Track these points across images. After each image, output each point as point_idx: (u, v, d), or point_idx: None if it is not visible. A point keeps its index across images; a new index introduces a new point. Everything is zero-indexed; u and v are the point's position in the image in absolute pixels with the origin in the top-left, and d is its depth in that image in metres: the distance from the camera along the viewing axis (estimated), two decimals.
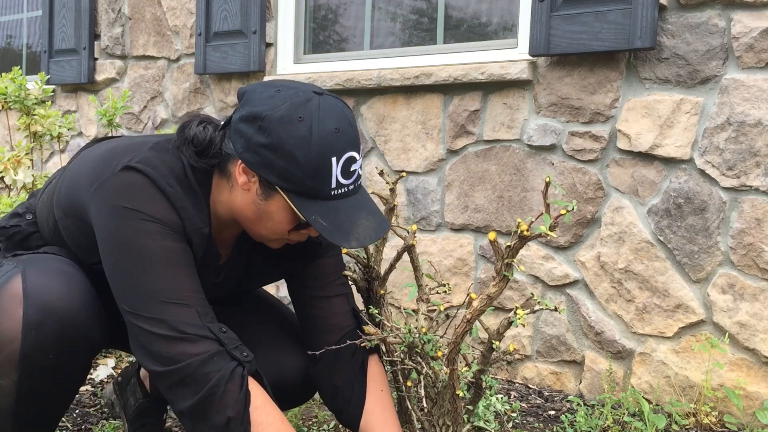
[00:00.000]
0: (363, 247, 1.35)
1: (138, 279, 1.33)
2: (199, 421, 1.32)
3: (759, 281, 2.29)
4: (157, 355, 1.31)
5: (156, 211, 1.35)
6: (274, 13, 3.39)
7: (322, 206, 1.34)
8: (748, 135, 2.29)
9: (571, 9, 2.51)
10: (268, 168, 1.34)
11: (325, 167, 1.32)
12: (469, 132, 2.82)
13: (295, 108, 1.33)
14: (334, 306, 1.65)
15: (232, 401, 1.31)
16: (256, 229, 1.45)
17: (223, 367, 1.31)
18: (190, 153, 1.42)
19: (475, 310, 1.42)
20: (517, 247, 1.39)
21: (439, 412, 1.59)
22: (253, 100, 1.37)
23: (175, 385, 1.32)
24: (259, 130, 1.33)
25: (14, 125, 4.09)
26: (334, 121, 1.34)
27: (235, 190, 1.43)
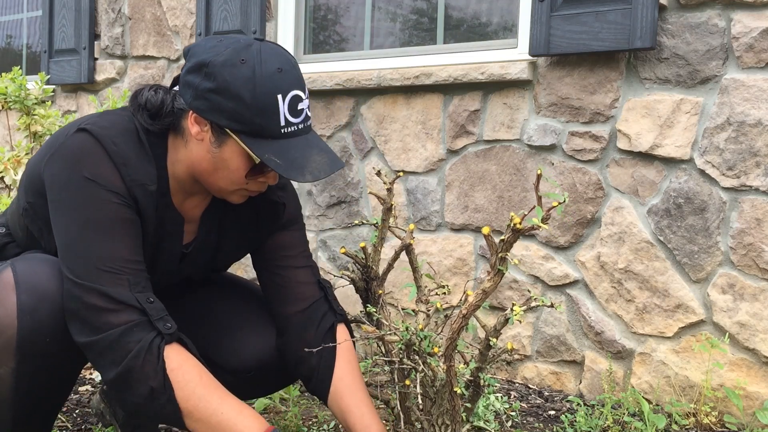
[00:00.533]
0: (317, 180, 1.38)
1: (76, 243, 1.37)
2: (125, 391, 1.36)
3: (759, 281, 2.29)
4: (84, 323, 1.35)
5: (101, 175, 1.38)
6: (274, 13, 3.39)
7: (274, 145, 1.38)
8: (748, 135, 2.28)
9: (571, 9, 2.51)
10: (217, 112, 1.38)
11: (271, 105, 1.36)
12: (469, 132, 2.82)
13: (238, 52, 1.37)
14: (300, 276, 1.67)
15: (152, 371, 1.34)
16: (214, 181, 1.47)
17: (143, 338, 1.35)
18: (144, 117, 1.46)
19: (471, 305, 1.42)
20: (511, 241, 1.39)
21: (438, 411, 1.59)
22: (197, 52, 1.42)
23: (98, 356, 1.36)
24: (205, 77, 1.38)
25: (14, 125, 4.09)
26: (277, 62, 1.38)
27: (189, 144, 1.46)
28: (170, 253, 1.57)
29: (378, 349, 1.83)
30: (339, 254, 3.19)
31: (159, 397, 1.35)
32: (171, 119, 1.46)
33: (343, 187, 3.15)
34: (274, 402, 2.31)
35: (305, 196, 3.26)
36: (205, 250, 1.64)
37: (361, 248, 1.79)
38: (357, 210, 3.12)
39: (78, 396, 2.40)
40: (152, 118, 1.46)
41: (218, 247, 1.66)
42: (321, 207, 3.21)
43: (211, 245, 1.64)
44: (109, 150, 1.40)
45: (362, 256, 1.80)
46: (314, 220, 3.24)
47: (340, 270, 1.94)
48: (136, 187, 1.42)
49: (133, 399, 1.36)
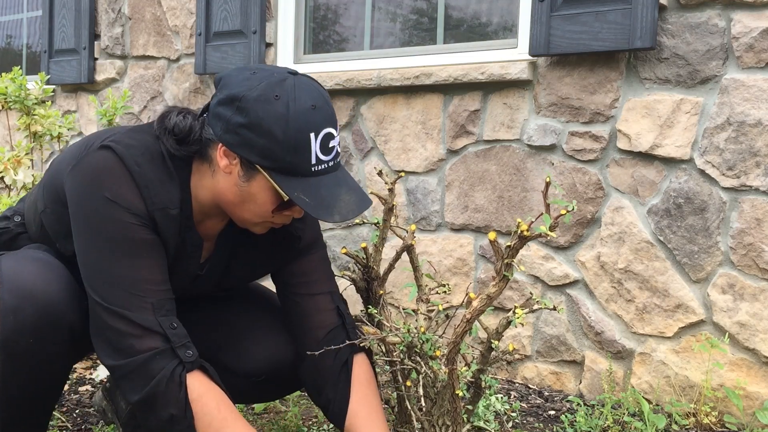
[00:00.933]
0: (346, 220, 1.38)
1: (100, 265, 1.38)
2: (147, 413, 1.39)
3: (759, 281, 2.29)
4: (108, 344, 1.38)
5: (122, 196, 1.38)
6: (274, 13, 3.39)
7: (304, 183, 1.36)
8: (748, 135, 2.29)
9: (571, 9, 2.51)
10: (248, 147, 1.36)
11: (303, 143, 1.34)
12: (469, 132, 2.82)
13: (272, 87, 1.35)
14: (318, 303, 1.65)
15: (174, 399, 1.37)
16: (239, 213, 1.46)
17: (165, 366, 1.37)
18: (170, 142, 1.44)
19: (475, 310, 1.42)
20: (517, 247, 1.39)
21: (439, 412, 1.59)
22: (229, 83, 1.40)
23: (122, 379, 1.39)
24: (237, 111, 1.36)
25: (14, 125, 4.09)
26: (310, 98, 1.37)
27: (216, 175, 1.44)
28: (187, 271, 1.56)
29: (379, 349, 1.83)
30: (339, 254, 3.19)
31: (180, 423, 1.38)
32: (198, 147, 1.45)
33: None
34: (274, 402, 2.32)
35: None
36: (216, 270, 1.63)
37: (362, 248, 1.79)
38: None
39: (78, 396, 2.40)
40: (179, 143, 1.44)
41: (228, 268, 1.65)
42: None
43: (222, 265, 1.63)
44: (132, 171, 1.39)
45: (363, 256, 1.80)
46: None
47: (341, 270, 1.94)
48: (156, 211, 1.41)
49: (154, 422, 1.39)
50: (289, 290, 1.67)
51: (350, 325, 1.66)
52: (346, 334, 1.64)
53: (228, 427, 1.39)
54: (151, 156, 1.43)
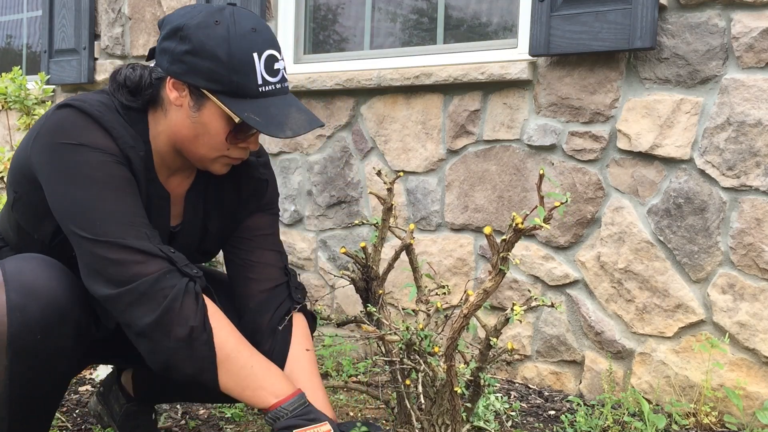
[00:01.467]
0: (297, 135, 1.40)
1: (86, 205, 1.37)
2: (161, 337, 1.36)
3: (759, 281, 2.29)
4: (111, 279, 1.36)
5: (92, 139, 1.39)
6: (274, 13, 3.39)
7: (253, 104, 1.39)
8: (748, 135, 2.29)
9: (571, 9, 2.51)
10: (194, 73, 1.39)
11: (247, 62, 1.38)
12: (469, 132, 2.82)
13: (211, 14, 1.40)
14: (268, 258, 1.68)
15: (192, 312, 1.36)
16: (195, 149, 1.48)
17: (177, 283, 1.37)
18: (124, 95, 1.47)
19: (472, 305, 1.42)
20: (512, 241, 1.39)
21: (438, 411, 1.59)
22: (171, 19, 1.44)
23: (130, 306, 1.36)
24: (180, 40, 1.40)
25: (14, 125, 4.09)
26: (250, 22, 1.41)
27: (169, 112, 1.47)
28: (159, 227, 1.57)
29: (378, 349, 1.83)
30: (339, 254, 3.19)
31: (198, 337, 1.37)
32: (150, 91, 1.47)
33: (343, 187, 3.15)
34: None
35: (305, 196, 3.26)
36: (192, 230, 1.64)
37: (362, 248, 1.79)
38: (357, 210, 3.12)
39: (78, 396, 2.40)
40: (132, 94, 1.47)
41: (204, 226, 1.66)
42: (321, 207, 3.21)
43: (198, 226, 1.65)
44: (95, 116, 1.41)
45: (362, 256, 1.80)
46: (314, 220, 3.24)
47: (340, 270, 1.94)
48: (128, 149, 1.43)
49: (169, 344, 1.36)
50: (244, 242, 1.68)
51: (294, 285, 1.69)
52: (289, 291, 1.67)
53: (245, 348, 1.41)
54: (107, 109, 1.45)
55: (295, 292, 1.68)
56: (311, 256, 3.25)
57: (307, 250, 3.25)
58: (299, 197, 3.28)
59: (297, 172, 3.28)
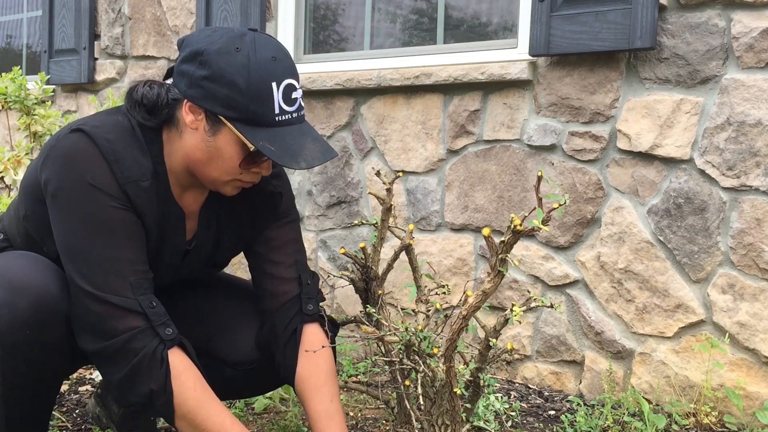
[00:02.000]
0: (311, 167, 1.40)
1: (78, 247, 1.40)
2: (128, 392, 1.42)
3: (759, 281, 2.29)
4: (91, 330, 1.40)
5: (95, 176, 1.40)
6: (274, 13, 3.39)
7: (268, 133, 1.39)
8: (748, 135, 2.28)
9: (571, 9, 2.51)
10: (211, 99, 1.39)
11: (266, 92, 1.37)
12: (469, 132, 2.82)
13: (232, 41, 1.39)
14: (281, 272, 1.68)
15: (155, 376, 1.40)
16: (208, 172, 1.48)
17: (147, 345, 1.40)
18: (141, 113, 1.47)
19: (471, 306, 1.42)
20: (511, 242, 1.39)
21: (438, 412, 1.59)
22: (191, 42, 1.43)
23: (105, 362, 1.42)
24: (199, 65, 1.39)
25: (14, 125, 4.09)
26: (270, 50, 1.40)
27: (184, 134, 1.47)
28: (174, 247, 1.58)
29: (378, 349, 1.83)
30: (339, 254, 3.19)
31: (159, 398, 1.41)
32: (167, 111, 1.47)
33: (343, 187, 3.15)
34: (274, 402, 2.31)
35: (305, 196, 3.26)
36: (206, 245, 1.65)
37: (361, 248, 1.79)
38: (357, 210, 3.12)
39: (78, 396, 2.40)
40: (149, 113, 1.47)
41: (217, 241, 1.67)
42: (321, 207, 3.21)
43: (211, 241, 1.66)
44: (101, 147, 1.41)
45: (362, 256, 1.80)
46: (314, 220, 3.24)
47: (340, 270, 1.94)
48: (128, 185, 1.43)
49: (132, 398, 1.42)
50: (259, 258, 1.70)
51: (306, 295, 1.67)
52: (300, 304, 1.66)
53: (202, 406, 1.43)
54: (121, 131, 1.45)
55: (306, 303, 1.67)
56: (311, 256, 3.25)
57: (307, 250, 3.25)
58: (299, 197, 3.28)
59: (297, 172, 3.28)
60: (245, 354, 1.71)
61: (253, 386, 1.81)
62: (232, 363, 1.72)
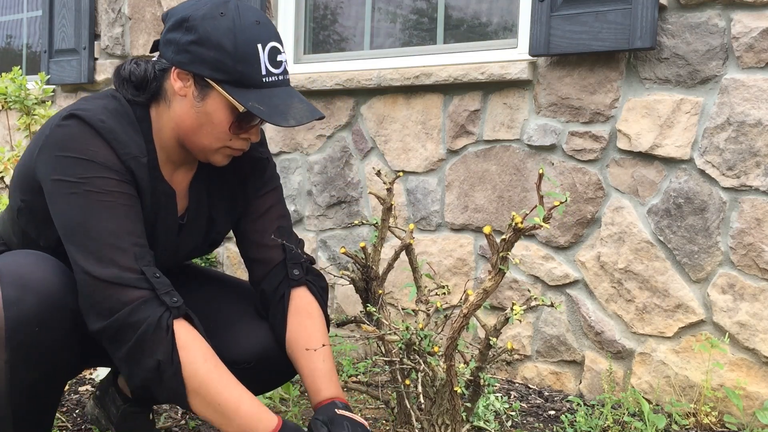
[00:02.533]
0: (300, 124, 1.42)
1: (80, 221, 1.39)
2: (134, 365, 1.39)
3: (759, 281, 2.29)
4: (96, 308, 1.38)
5: (94, 153, 1.41)
6: (274, 13, 3.39)
7: (257, 94, 1.42)
8: (748, 135, 2.28)
9: (571, 9, 2.51)
10: (199, 63, 1.42)
11: (252, 53, 1.41)
12: (469, 132, 2.82)
13: (216, 7, 1.44)
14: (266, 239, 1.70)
15: (160, 345, 1.37)
16: (198, 140, 1.50)
17: (151, 314, 1.37)
18: (129, 90, 1.51)
19: (472, 305, 1.42)
20: (512, 240, 1.39)
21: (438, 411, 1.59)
22: (175, 12, 1.48)
23: (111, 338, 1.39)
24: (186, 31, 1.43)
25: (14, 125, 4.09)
26: (253, 15, 1.45)
27: (173, 104, 1.49)
28: (167, 225, 1.60)
29: (378, 349, 1.83)
30: (339, 254, 3.19)
31: (166, 370, 1.38)
32: (155, 84, 1.50)
33: (343, 187, 3.15)
34: (274, 402, 2.31)
35: (305, 196, 3.26)
36: (199, 219, 1.67)
37: (361, 248, 1.79)
38: (357, 210, 3.12)
39: (78, 396, 2.40)
40: (137, 89, 1.50)
41: (210, 216, 1.69)
42: (321, 207, 3.21)
43: (203, 215, 1.67)
44: (97, 127, 1.42)
45: (362, 256, 1.80)
46: (314, 220, 3.24)
47: (340, 270, 1.94)
48: (130, 161, 1.45)
49: (140, 373, 1.39)
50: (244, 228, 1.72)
51: (291, 261, 1.70)
52: (285, 271, 1.69)
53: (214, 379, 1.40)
54: (112, 112, 1.47)
55: (292, 268, 1.69)
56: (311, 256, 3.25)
57: (307, 250, 3.25)
58: (299, 197, 3.28)
59: (297, 172, 3.28)
60: (243, 353, 1.71)
61: (252, 385, 1.80)
62: (229, 362, 1.72)
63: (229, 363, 1.72)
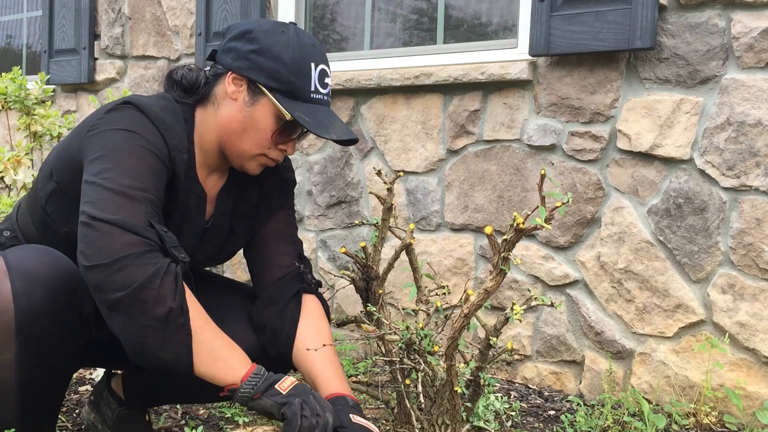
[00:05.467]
0: (341, 139, 1.53)
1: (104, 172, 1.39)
2: (136, 312, 1.32)
3: (759, 281, 2.29)
4: (98, 250, 1.32)
5: (146, 132, 1.47)
6: (274, 13, 3.39)
7: (303, 107, 1.53)
8: (748, 135, 2.28)
9: (571, 9, 2.51)
10: (257, 70, 1.52)
11: (306, 69, 1.53)
12: (469, 132, 2.82)
13: (278, 25, 1.57)
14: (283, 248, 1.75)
15: (170, 292, 1.34)
16: (239, 144, 1.56)
17: (160, 261, 1.35)
18: (178, 92, 1.58)
19: (472, 305, 1.42)
20: (513, 240, 1.39)
21: (438, 411, 1.59)
22: (239, 25, 1.58)
23: (110, 276, 1.31)
24: (248, 41, 1.54)
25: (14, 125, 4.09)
26: (310, 39, 1.58)
27: (221, 107, 1.57)
28: (193, 227, 1.63)
29: (378, 349, 1.83)
30: (339, 254, 3.18)
31: (175, 320, 1.34)
32: (206, 89, 1.58)
33: (343, 187, 3.15)
34: None
35: (305, 196, 3.26)
36: (221, 228, 1.71)
37: (362, 248, 1.79)
38: (357, 210, 3.12)
39: (78, 396, 2.40)
40: (186, 91, 1.58)
41: (231, 227, 1.73)
42: (321, 207, 3.21)
43: (226, 224, 1.71)
44: (152, 117, 1.48)
45: (362, 255, 1.80)
46: (314, 220, 3.24)
47: (340, 270, 1.94)
48: (175, 151, 1.51)
49: (145, 321, 1.32)
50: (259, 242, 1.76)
51: (309, 270, 1.75)
52: (302, 277, 1.73)
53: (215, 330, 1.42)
54: (163, 108, 1.54)
55: (306, 275, 1.74)
56: (311, 256, 3.25)
57: (307, 250, 3.25)
58: (299, 197, 3.28)
59: (297, 172, 3.28)
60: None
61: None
62: None
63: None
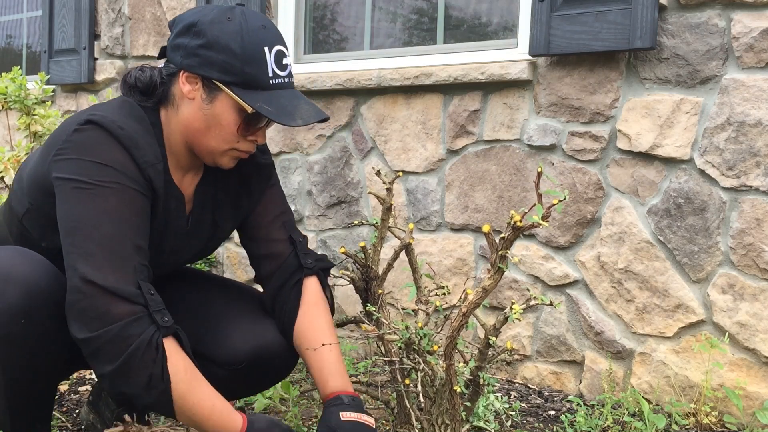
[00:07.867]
0: (307, 125, 1.48)
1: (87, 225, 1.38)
2: (121, 382, 1.36)
3: (759, 281, 2.29)
4: (84, 316, 1.34)
5: (113, 159, 1.42)
6: (274, 13, 3.39)
7: (264, 95, 1.46)
8: (748, 135, 2.28)
9: (571, 9, 2.51)
10: (208, 65, 1.45)
11: (259, 55, 1.45)
12: (469, 132, 2.82)
13: (223, 12, 1.48)
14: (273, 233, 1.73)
15: (151, 362, 1.36)
16: (206, 142, 1.52)
17: (143, 332, 1.36)
18: (136, 96, 1.53)
19: (471, 303, 1.42)
20: (511, 238, 1.39)
21: (438, 411, 1.59)
22: (182, 18, 1.51)
23: (97, 351, 1.35)
24: (194, 35, 1.46)
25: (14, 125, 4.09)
26: (259, 20, 1.49)
27: (181, 107, 1.51)
28: (175, 229, 1.61)
29: (378, 348, 1.83)
30: (339, 254, 3.19)
31: (157, 386, 1.37)
32: (162, 90, 1.52)
33: (343, 187, 3.15)
34: (274, 402, 2.31)
35: (305, 196, 3.26)
36: (203, 224, 1.68)
37: (361, 248, 1.79)
38: (357, 210, 3.12)
39: (78, 396, 2.40)
40: (143, 94, 1.52)
41: (215, 221, 1.71)
42: (321, 207, 3.21)
43: (207, 219, 1.69)
44: (117, 135, 1.43)
45: (362, 255, 1.80)
46: (314, 220, 3.24)
47: (340, 270, 1.94)
48: (149, 168, 1.46)
49: (129, 389, 1.37)
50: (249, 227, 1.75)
51: (301, 251, 1.73)
52: (297, 261, 1.71)
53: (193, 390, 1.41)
54: (128, 117, 1.49)
55: (303, 258, 1.72)
56: None
57: None
58: (299, 197, 3.28)
59: (297, 172, 3.28)
60: (234, 354, 1.71)
61: (243, 387, 1.80)
62: (221, 363, 1.71)
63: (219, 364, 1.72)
